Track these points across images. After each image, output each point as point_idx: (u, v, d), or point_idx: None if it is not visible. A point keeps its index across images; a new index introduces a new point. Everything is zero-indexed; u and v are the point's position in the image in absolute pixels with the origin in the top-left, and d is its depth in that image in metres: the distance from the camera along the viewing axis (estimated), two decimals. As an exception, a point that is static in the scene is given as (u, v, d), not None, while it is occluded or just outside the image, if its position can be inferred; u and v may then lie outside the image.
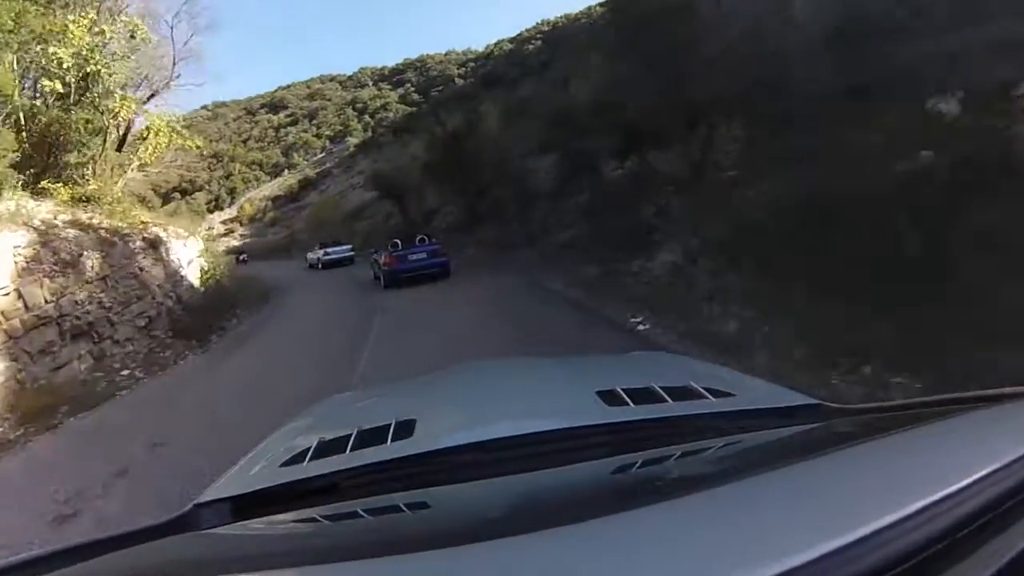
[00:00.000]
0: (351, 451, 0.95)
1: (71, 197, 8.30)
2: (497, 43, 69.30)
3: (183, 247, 10.45)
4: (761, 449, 0.88)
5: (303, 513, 0.84)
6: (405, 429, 0.98)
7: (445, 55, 77.62)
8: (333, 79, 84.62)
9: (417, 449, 0.91)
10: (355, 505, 0.85)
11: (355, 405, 1.58)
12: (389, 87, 75.22)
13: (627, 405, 0.97)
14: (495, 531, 0.50)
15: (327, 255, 22.60)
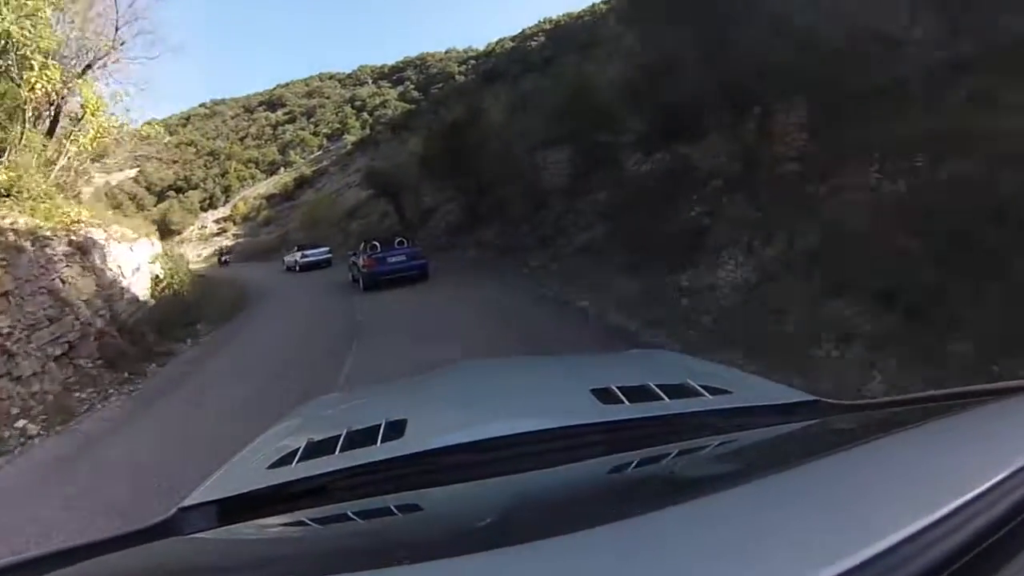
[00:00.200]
0: (340, 452, 0.91)
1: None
2: (499, 41, 67.84)
3: (128, 251, 8.74)
4: (762, 447, 0.85)
5: (291, 516, 0.82)
6: (396, 429, 0.95)
7: (445, 53, 76.25)
8: (332, 77, 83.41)
9: (408, 450, 0.88)
10: (345, 508, 0.81)
11: (345, 405, 1.52)
12: (389, 85, 73.87)
13: (622, 403, 0.95)
14: (489, 535, 0.49)
15: (305, 257, 21.95)
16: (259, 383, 5.38)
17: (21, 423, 5.06)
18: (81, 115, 9.06)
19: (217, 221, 53.47)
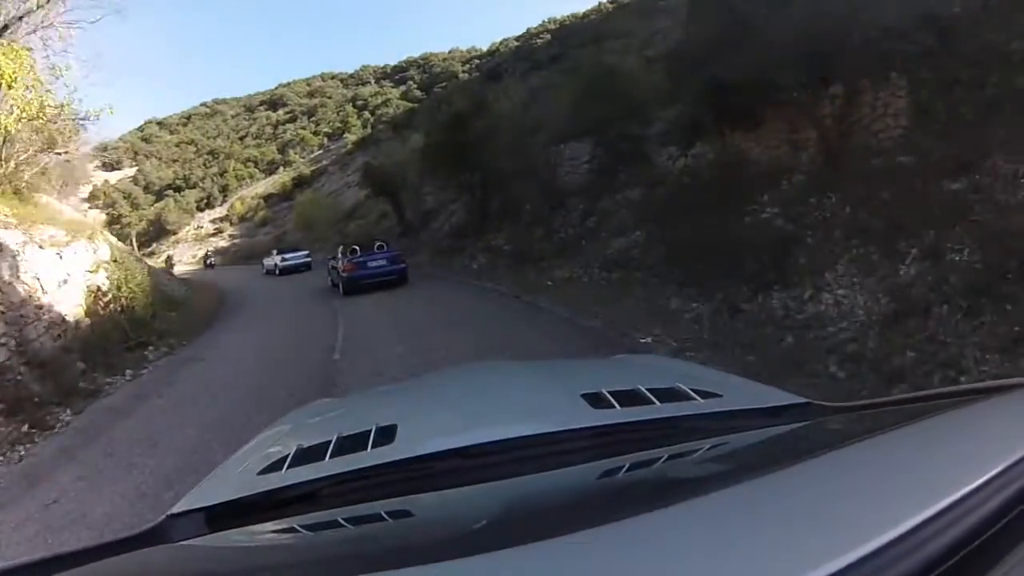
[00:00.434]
0: (331, 458, 0.89)
1: None
2: (502, 41, 66.37)
3: (55, 258, 7.01)
4: (753, 449, 0.85)
5: (281, 523, 0.80)
6: (386, 435, 0.92)
7: (449, 53, 74.86)
8: (334, 77, 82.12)
9: (398, 455, 0.86)
10: (335, 514, 0.80)
11: (335, 411, 1.48)
12: (391, 85, 72.48)
13: (613, 408, 0.94)
14: (480, 540, 0.47)
15: (285, 261, 21.52)
16: (205, 448, 3.83)
17: None
18: (-1, 89, 7.38)
19: (213, 221, 51.98)
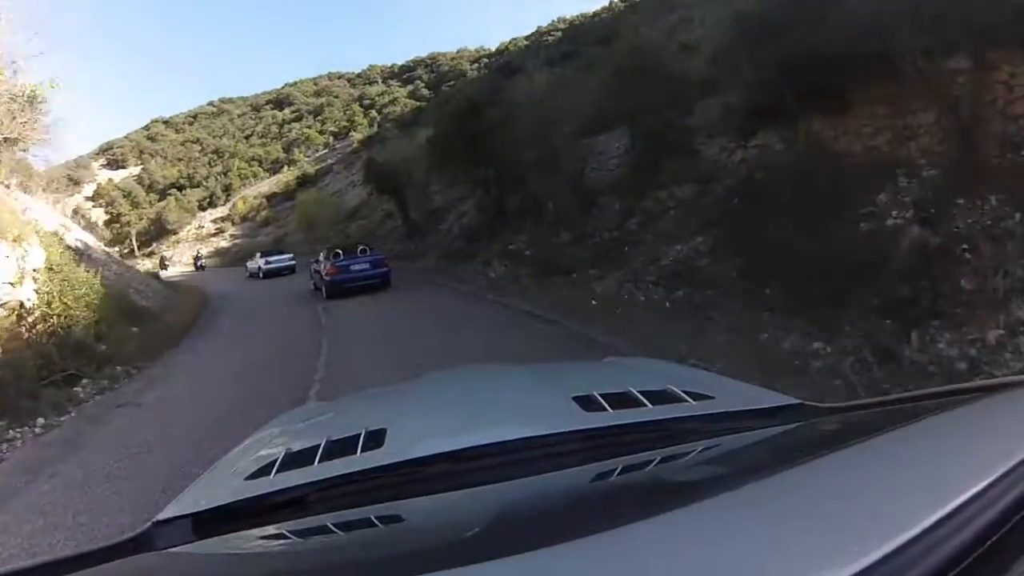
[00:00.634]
0: (320, 463, 0.88)
1: None
2: (512, 40, 65.04)
3: None
4: (747, 451, 0.84)
5: (269, 529, 0.79)
6: (375, 439, 0.91)
7: (457, 53, 73.63)
8: (341, 76, 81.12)
9: (388, 459, 0.85)
10: (324, 519, 0.80)
11: (323, 415, 1.43)
12: (398, 84, 71.32)
13: (605, 410, 0.93)
14: (471, 545, 0.47)
15: (268, 264, 21.40)
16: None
17: None
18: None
19: (215, 221, 50.84)
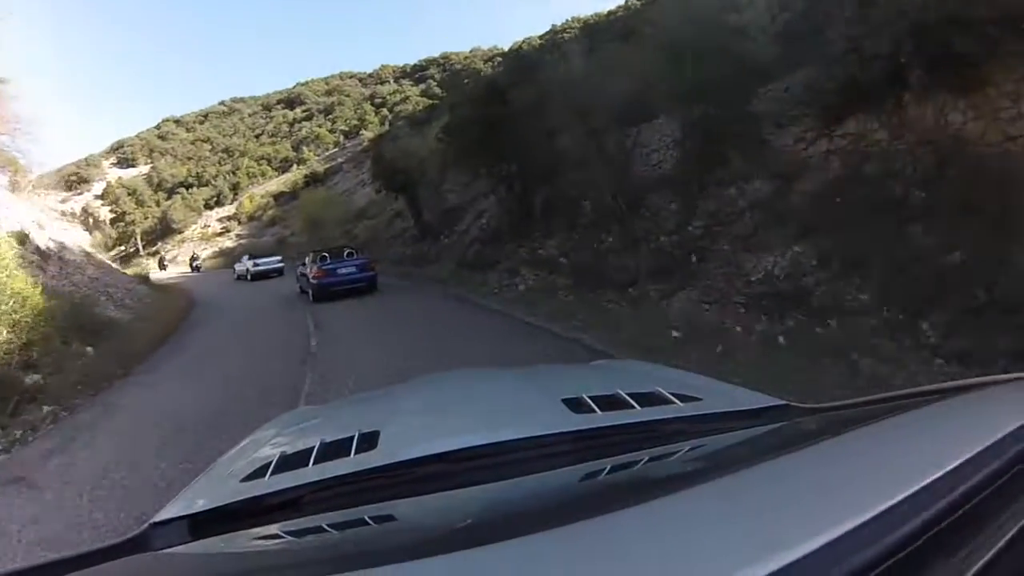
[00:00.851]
0: (314, 464, 0.89)
1: None
2: (526, 39, 63.48)
3: None
4: (731, 450, 0.86)
5: (265, 530, 0.80)
6: (369, 441, 0.93)
7: (470, 52, 72.24)
8: (353, 76, 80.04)
9: (381, 461, 0.87)
10: (319, 520, 0.80)
11: (317, 417, 1.44)
12: (410, 83, 70.07)
13: (594, 412, 0.95)
14: (463, 543, 0.49)
15: (256, 266, 21.43)
16: None
17: None
18: None
19: (221, 220, 49.63)
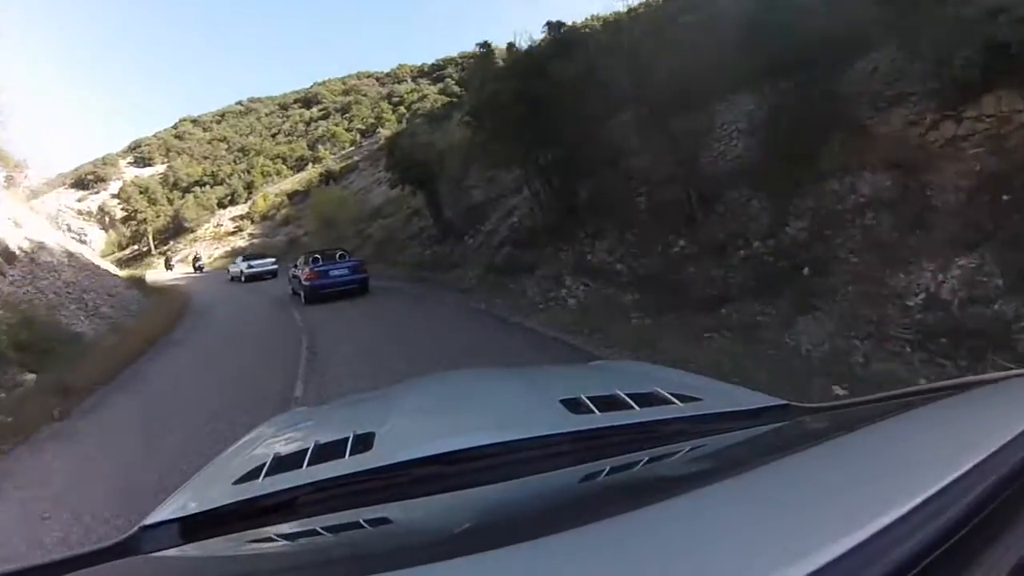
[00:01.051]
0: (308, 466, 0.88)
1: None
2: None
3: None
4: (731, 451, 0.85)
5: (258, 533, 0.79)
6: (363, 442, 0.92)
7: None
8: (370, 76, 79.10)
9: (376, 463, 0.85)
10: (313, 523, 0.80)
11: (312, 419, 1.43)
12: (428, 82, 68.85)
13: (592, 413, 0.94)
14: (460, 547, 0.48)
15: (250, 268, 21.73)
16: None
17: None
18: None
19: (234, 219, 48.68)
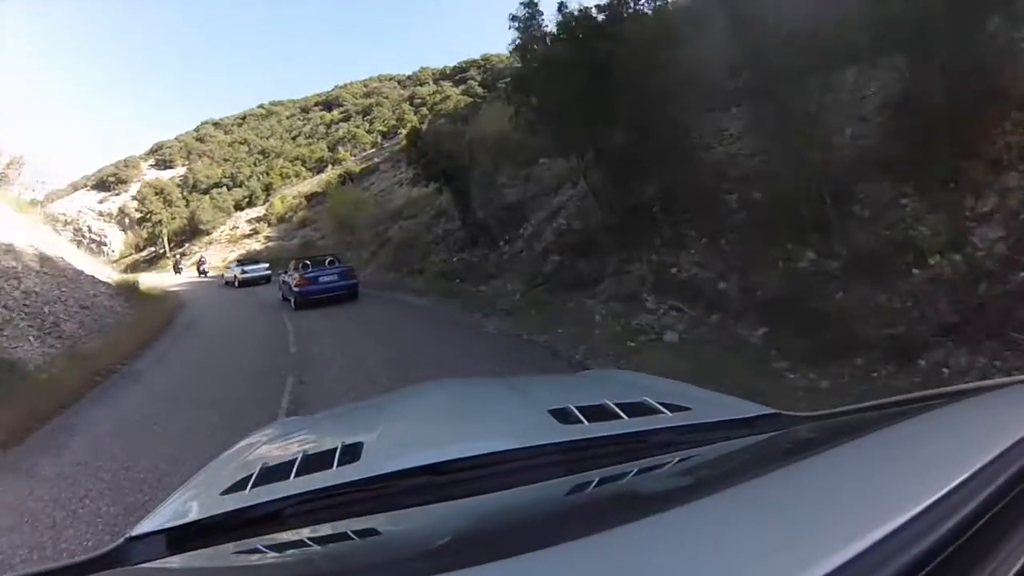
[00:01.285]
0: (296, 477, 0.88)
1: None
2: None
3: None
4: (722, 461, 0.84)
5: (245, 544, 0.78)
6: (352, 453, 0.91)
7: (511, 53, 69.27)
8: (392, 78, 78.37)
9: (364, 473, 0.85)
10: (300, 534, 0.79)
11: (300, 429, 1.42)
12: (450, 84, 67.77)
13: (581, 423, 0.93)
14: (448, 559, 0.46)
15: (244, 273, 22.05)
16: None
17: None
18: None
19: (250, 221, 47.77)
